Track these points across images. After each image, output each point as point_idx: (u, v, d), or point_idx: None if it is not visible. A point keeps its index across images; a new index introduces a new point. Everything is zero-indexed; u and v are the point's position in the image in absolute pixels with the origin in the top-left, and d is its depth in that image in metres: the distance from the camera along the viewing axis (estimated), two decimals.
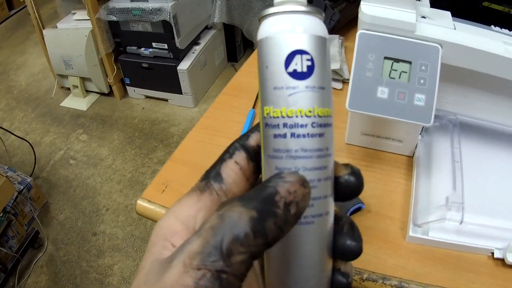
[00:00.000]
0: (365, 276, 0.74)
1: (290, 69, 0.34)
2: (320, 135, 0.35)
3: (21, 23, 4.93)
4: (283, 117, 0.34)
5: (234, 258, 0.29)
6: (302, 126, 0.34)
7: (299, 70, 0.34)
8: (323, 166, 0.36)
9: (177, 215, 0.36)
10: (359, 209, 0.84)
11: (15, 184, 2.36)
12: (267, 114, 0.35)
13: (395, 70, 0.76)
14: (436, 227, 0.77)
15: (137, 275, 0.34)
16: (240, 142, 0.40)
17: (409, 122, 0.76)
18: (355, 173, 0.39)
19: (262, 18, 0.37)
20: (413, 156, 0.94)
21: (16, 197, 2.32)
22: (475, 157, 0.89)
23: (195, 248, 0.30)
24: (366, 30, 0.77)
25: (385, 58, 0.77)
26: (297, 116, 0.34)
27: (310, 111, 0.35)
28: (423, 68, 0.75)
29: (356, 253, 0.37)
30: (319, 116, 0.35)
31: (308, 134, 0.35)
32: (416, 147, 0.92)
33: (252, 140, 0.40)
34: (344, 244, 0.37)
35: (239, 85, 1.24)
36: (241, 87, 1.22)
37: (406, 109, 0.76)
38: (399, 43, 0.76)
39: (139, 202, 0.91)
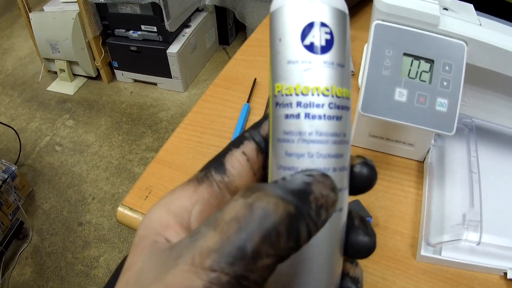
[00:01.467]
0: None
1: (307, 41, 0.31)
2: (338, 118, 0.31)
3: (8, 7, 4.91)
4: (297, 94, 0.31)
5: (260, 262, 0.25)
6: (318, 106, 0.31)
7: (317, 43, 0.31)
8: (339, 154, 0.32)
9: (169, 206, 0.32)
10: None
11: None
12: (278, 91, 0.32)
13: (415, 69, 0.70)
14: (449, 247, 0.72)
15: (124, 273, 0.29)
16: (251, 132, 0.36)
17: (430, 130, 0.69)
18: (368, 164, 0.35)
19: None
20: (424, 161, 0.88)
21: (0, 186, 2.32)
22: (492, 168, 0.83)
23: (211, 244, 0.25)
24: (383, 20, 0.70)
25: (405, 54, 0.70)
26: (313, 94, 0.31)
27: (327, 90, 0.31)
28: (447, 68, 0.68)
29: (370, 248, 0.33)
30: (337, 97, 0.31)
31: (324, 115, 0.31)
32: (428, 152, 0.86)
33: (265, 129, 0.36)
34: (357, 240, 0.33)
35: (232, 75, 1.16)
36: (235, 78, 1.15)
37: (426, 115, 0.69)
38: (420, 38, 0.69)
39: (120, 209, 0.85)
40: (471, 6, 0.75)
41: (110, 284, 0.97)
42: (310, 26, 0.31)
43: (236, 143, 0.35)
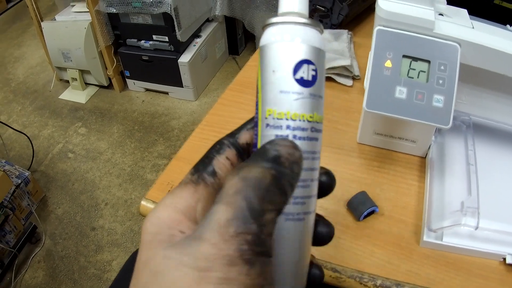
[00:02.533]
0: (378, 282, 0.73)
1: (298, 76, 0.37)
2: (316, 139, 0.38)
3: (18, 16, 4.91)
4: (287, 119, 0.37)
5: (266, 217, 0.31)
6: (303, 129, 0.37)
7: (305, 78, 0.37)
8: (315, 168, 0.39)
9: (175, 206, 0.36)
10: (372, 212, 0.82)
11: (12, 178, 2.35)
12: (269, 115, 0.37)
13: (414, 69, 0.75)
14: (450, 232, 0.76)
15: (144, 267, 0.32)
16: (230, 140, 0.42)
17: (428, 124, 0.74)
18: (328, 173, 0.43)
19: (269, 25, 0.39)
20: (425, 157, 0.92)
21: (14, 191, 2.29)
22: (489, 160, 0.87)
23: (226, 216, 0.30)
24: (384, 26, 0.75)
25: (404, 56, 0.75)
26: (300, 120, 0.37)
27: (311, 117, 0.37)
28: (442, 68, 0.73)
29: (330, 236, 0.42)
30: (317, 122, 0.38)
31: (307, 137, 0.37)
32: (429, 148, 0.90)
33: (242, 138, 0.42)
34: (320, 231, 0.41)
35: (245, 80, 1.21)
36: (248, 83, 1.20)
37: (424, 111, 0.74)
38: (417, 41, 0.74)
39: (143, 203, 0.89)
40: (465, 11, 0.79)
41: (119, 281, 1.00)
42: (301, 63, 0.37)
43: (218, 150, 0.41)
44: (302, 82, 0.37)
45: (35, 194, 2.55)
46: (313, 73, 0.37)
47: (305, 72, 0.37)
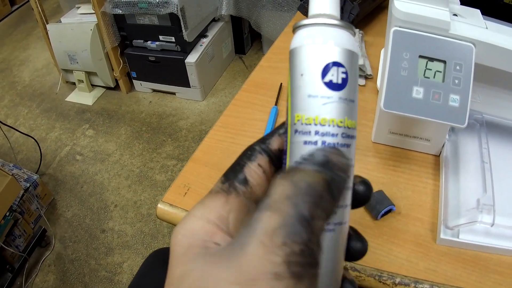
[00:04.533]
0: (397, 280, 0.74)
1: (327, 79, 0.36)
2: (348, 145, 0.36)
3: (23, 19, 4.93)
4: (315, 124, 0.35)
5: (316, 224, 0.29)
6: (333, 135, 0.35)
7: (334, 81, 0.36)
8: (348, 176, 0.36)
9: (207, 217, 0.35)
10: (390, 211, 0.83)
11: (21, 181, 2.35)
12: (298, 120, 0.36)
13: (430, 70, 0.75)
14: (466, 230, 0.77)
15: (181, 283, 0.30)
16: (262, 146, 0.40)
17: (444, 123, 0.74)
18: (365, 183, 0.40)
19: (300, 27, 0.38)
20: (439, 156, 0.93)
21: (23, 195, 2.30)
22: (502, 157, 0.88)
23: (273, 223, 0.28)
24: (400, 27, 0.75)
25: (420, 57, 0.75)
26: (329, 125, 0.35)
27: (341, 122, 0.36)
28: (458, 68, 0.73)
29: (363, 252, 0.40)
30: (348, 128, 0.36)
31: (337, 143, 0.36)
32: (443, 146, 0.91)
33: (274, 144, 0.41)
34: (353, 245, 0.39)
35: (259, 81, 1.22)
36: (262, 83, 1.20)
37: (441, 110, 0.74)
38: (433, 42, 0.74)
39: (160, 206, 0.89)
40: (478, 11, 0.80)
41: (136, 287, 1.00)
42: (329, 65, 0.36)
43: (249, 157, 0.39)
44: (331, 85, 0.35)
45: (44, 198, 2.56)
46: (343, 76, 0.36)
47: (334, 75, 0.36)
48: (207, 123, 3.07)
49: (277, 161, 0.40)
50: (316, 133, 0.35)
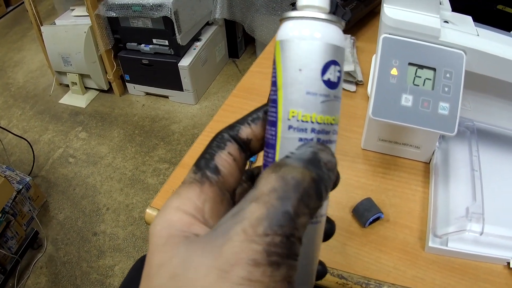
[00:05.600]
0: None
1: (326, 77, 0.35)
2: (335, 142, 0.37)
3: (18, 20, 4.92)
4: (312, 122, 0.35)
5: (300, 220, 0.29)
6: (327, 133, 0.36)
7: (332, 79, 0.36)
8: (334, 174, 0.36)
9: (184, 208, 0.34)
10: (378, 218, 0.83)
11: (13, 183, 2.34)
12: (293, 116, 0.36)
13: (419, 77, 0.75)
14: (455, 238, 0.77)
15: (159, 271, 0.30)
16: (231, 133, 0.40)
17: (433, 131, 0.74)
18: (330, 222, 0.42)
19: (293, 18, 0.37)
20: (429, 163, 0.93)
21: (15, 196, 2.30)
22: (493, 165, 0.88)
23: (258, 214, 0.29)
24: (389, 34, 0.75)
25: (410, 64, 0.75)
26: (325, 123, 0.36)
27: (334, 119, 0.37)
28: (448, 75, 0.73)
29: (332, 233, 0.42)
30: (337, 124, 0.37)
31: (329, 140, 0.36)
32: (433, 153, 0.91)
33: (244, 133, 0.40)
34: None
35: (249, 86, 1.21)
36: (252, 89, 1.20)
37: (430, 118, 0.74)
38: (423, 49, 0.74)
39: (149, 211, 0.89)
40: (469, 18, 0.80)
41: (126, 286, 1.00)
42: (329, 64, 0.35)
43: (218, 145, 0.39)
44: (329, 83, 0.35)
45: (36, 200, 2.55)
46: (338, 74, 0.36)
47: (332, 74, 0.36)
48: (200, 127, 3.06)
49: (246, 149, 0.40)
50: (313, 130, 0.35)
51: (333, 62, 0.36)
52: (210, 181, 0.36)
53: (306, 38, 0.36)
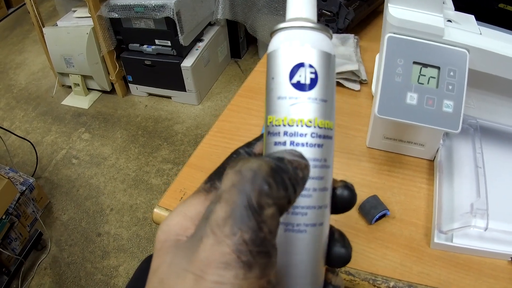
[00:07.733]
0: (391, 284, 0.74)
1: (294, 80, 0.36)
2: (319, 145, 0.36)
3: (19, 22, 4.91)
4: (284, 125, 0.36)
5: (266, 212, 0.28)
6: (301, 135, 0.36)
7: (302, 81, 0.36)
8: (320, 177, 0.37)
9: (185, 213, 0.36)
10: (384, 215, 0.83)
11: (17, 185, 2.34)
12: (270, 122, 0.37)
13: (424, 76, 0.75)
14: (460, 234, 0.77)
15: (153, 274, 0.32)
16: (246, 149, 0.42)
17: (438, 129, 0.75)
18: (348, 187, 0.40)
19: (273, 32, 0.39)
20: (434, 160, 0.94)
21: (19, 198, 2.30)
22: (496, 162, 0.88)
23: (223, 214, 0.28)
24: (394, 33, 0.76)
25: (414, 63, 0.75)
26: (297, 125, 0.36)
27: (310, 121, 0.36)
28: (451, 74, 0.74)
29: (346, 259, 0.39)
30: (319, 127, 0.36)
31: (306, 143, 0.36)
32: (437, 151, 0.91)
33: (257, 148, 0.42)
34: (335, 251, 0.38)
35: (254, 86, 1.22)
36: (257, 88, 1.21)
37: (435, 116, 0.75)
38: (427, 48, 0.75)
39: (156, 211, 0.89)
40: (472, 17, 0.80)
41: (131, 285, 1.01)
42: (297, 67, 0.36)
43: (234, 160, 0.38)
44: (299, 86, 0.36)
45: (40, 201, 2.56)
46: (312, 76, 0.36)
47: (302, 76, 0.36)
48: (203, 127, 3.07)
49: None
50: (285, 133, 0.36)
51: (302, 65, 0.36)
52: (217, 190, 0.36)
53: (274, 48, 0.38)
